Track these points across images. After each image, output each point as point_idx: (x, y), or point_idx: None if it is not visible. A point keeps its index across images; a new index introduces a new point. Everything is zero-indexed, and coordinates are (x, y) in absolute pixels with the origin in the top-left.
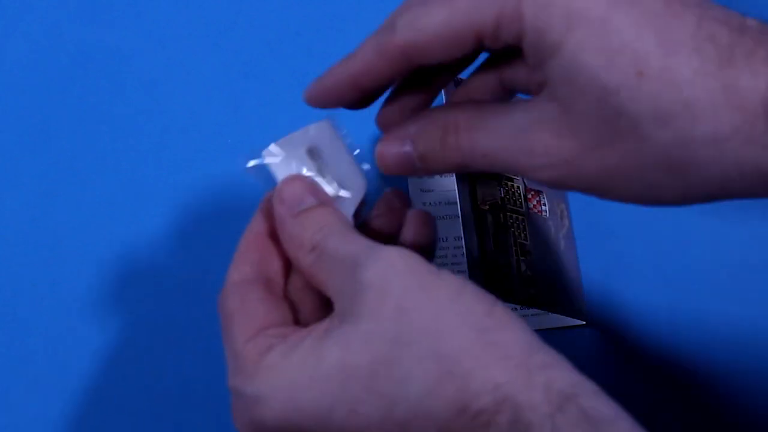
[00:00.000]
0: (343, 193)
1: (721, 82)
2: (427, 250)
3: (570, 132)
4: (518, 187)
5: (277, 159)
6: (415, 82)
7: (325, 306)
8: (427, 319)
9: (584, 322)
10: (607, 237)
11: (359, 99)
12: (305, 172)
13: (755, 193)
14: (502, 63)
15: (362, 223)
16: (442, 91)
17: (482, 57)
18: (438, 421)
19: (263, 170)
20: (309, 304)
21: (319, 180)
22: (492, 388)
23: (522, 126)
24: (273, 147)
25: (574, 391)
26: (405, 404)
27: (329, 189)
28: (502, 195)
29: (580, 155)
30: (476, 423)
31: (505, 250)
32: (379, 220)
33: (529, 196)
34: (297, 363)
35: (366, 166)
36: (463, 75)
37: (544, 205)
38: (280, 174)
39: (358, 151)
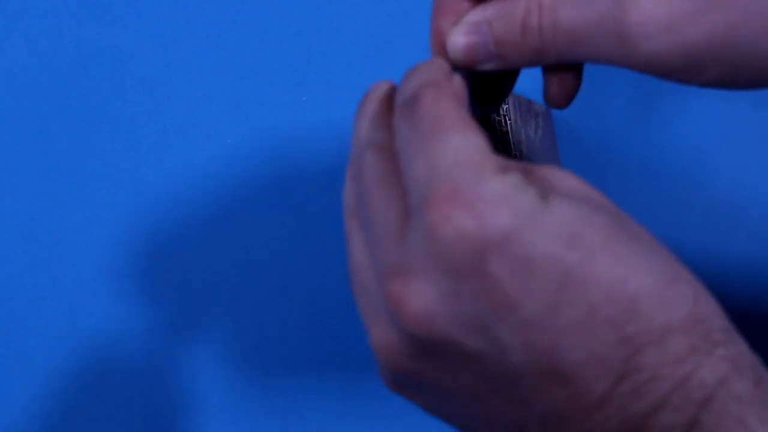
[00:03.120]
0: None
1: None
2: None
3: None
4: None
5: None
6: None
7: None
8: (647, 235)
9: None
10: None
11: None
12: None
13: None
14: None
15: None
16: None
17: None
18: (673, 322)
19: None
20: None
21: None
22: (725, 327)
23: None
24: None
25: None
26: (642, 278)
27: None
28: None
29: (685, 20)
30: (706, 345)
31: None
32: None
33: None
34: (533, 195)
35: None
36: None
37: None
38: None
39: None
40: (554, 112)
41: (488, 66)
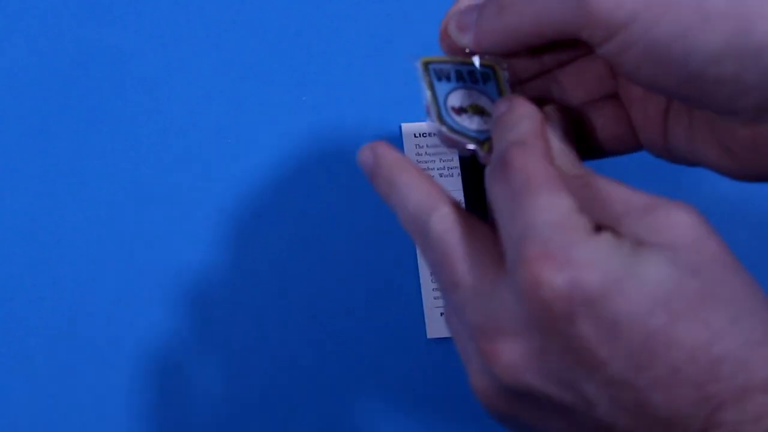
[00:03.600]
0: None
1: None
2: None
3: None
4: None
5: None
6: None
7: None
8: (744, 278)
9: None
10: None
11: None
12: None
13: None
14: None
15: None
16: None
17: None
18: (755, 379)
19: None
20: None
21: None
22: None
23: None
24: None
25: None
26: (727, 341)
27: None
28: None
29: None
30: None
31: None
32: None
33: None
34: (623, 255)
35: None
36: None
37: None
38: None
39: None
40: None
41: (464, 39)
